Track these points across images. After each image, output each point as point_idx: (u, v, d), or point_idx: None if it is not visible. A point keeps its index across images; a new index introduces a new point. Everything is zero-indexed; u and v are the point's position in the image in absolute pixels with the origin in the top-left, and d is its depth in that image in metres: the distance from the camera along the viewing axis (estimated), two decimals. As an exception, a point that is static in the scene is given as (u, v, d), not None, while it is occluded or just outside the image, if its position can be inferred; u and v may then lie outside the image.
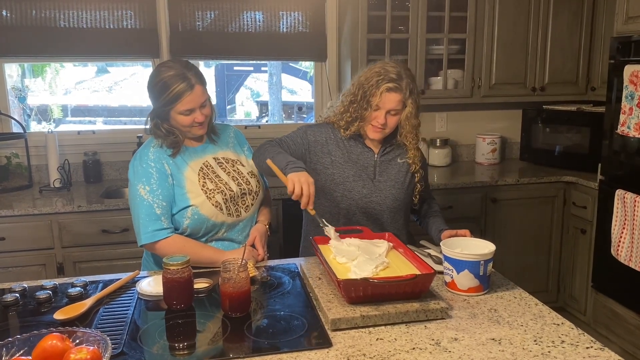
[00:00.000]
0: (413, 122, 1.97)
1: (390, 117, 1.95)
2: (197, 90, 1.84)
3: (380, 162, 2.06)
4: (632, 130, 2.74)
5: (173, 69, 1.83)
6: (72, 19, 3.22)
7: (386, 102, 1.92)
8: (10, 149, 3.26)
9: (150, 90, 1.87)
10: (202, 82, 1.87)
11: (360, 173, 2.02)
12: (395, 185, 2.05)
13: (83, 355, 1.07)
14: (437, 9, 3.40)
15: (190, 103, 1.83)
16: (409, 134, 2.00)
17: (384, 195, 2.03)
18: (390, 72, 1.92)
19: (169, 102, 1.82)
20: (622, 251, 2.84)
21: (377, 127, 1.96)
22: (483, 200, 3.34)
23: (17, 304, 1.58)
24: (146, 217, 1.83)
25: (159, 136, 1.92)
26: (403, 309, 1.45)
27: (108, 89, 5.50)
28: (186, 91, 1.81)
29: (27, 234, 2.75)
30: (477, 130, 3.92)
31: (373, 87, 1.92)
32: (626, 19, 2.86)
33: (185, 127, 1.89)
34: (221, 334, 1.42)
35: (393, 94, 1.91)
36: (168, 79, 1.81)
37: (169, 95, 1.81)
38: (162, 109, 1.85)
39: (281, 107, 5.13)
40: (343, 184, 2.01)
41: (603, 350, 1.31)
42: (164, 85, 1.81)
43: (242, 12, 3.43)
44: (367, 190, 2.02)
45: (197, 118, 1.87)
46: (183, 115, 1.85)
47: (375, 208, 2.02)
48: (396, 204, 2.04)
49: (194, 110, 1.85)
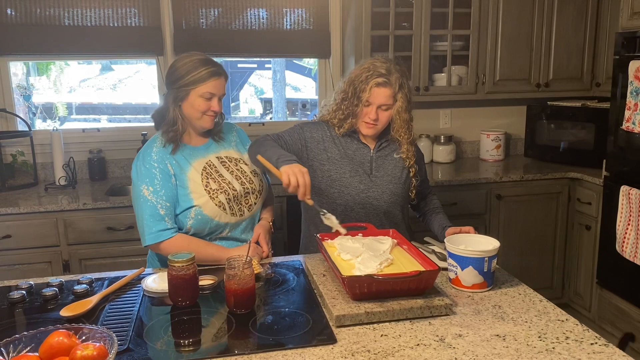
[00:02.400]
0: (404, 116, 1.99)
1: (381, 112, 1.97)
2: (222, 79, 1.90)
3: (377, 158, 2.07)
4: (637, 126, 2.73)
5: (202, 56, 1.89)
6: (76, 17, 3.23)
7: (376, 97, 1.95)
8: (15, 147, 3.27)
9: (173, 72, 1.88)
10: (226, 77, 1.94)
11: (356, 169, 2.04)
12: (392, 180, 2.06)
13: (89, 352, 1.08)
14: (441, 6, 3.39)
15: (215, 88, 1.87)
16: (400, 128, 2.01)
17: (381, 191, 2.04)
18: (378, 67, 1.96)
19: (195, 81, 1.84)
20: (627, 247, 2.83)
21: (369, 123, 1.98)
22: (487, 196, 3.33)
23: (23, 301, 1.59)
24: (150, 217, 1.84)
25: (162, 124, 1.92)
26: (407, 305, 1.46)
27: (112, 86, 5.51)
28: (213, 75, 1.86)
29: (33, 231, 2.77)
30: (481, 127, 3.91)
31: (362, 83, 1.95)
32: (631, 14, 2.84)
33: (197, 114, 1.89)
34: (226, 330, 1.43)
35: (382, 88, 1.94)
36: (197, 62, 1.86)
37: (196, 75, 1.84)
38: (184, 88, 1.86)
39: (285, 104, 5.14)
40: (340, 180, 2.02)
41: (607, 347, 1.31)
42: (192, 66, 1.85)
43: (246, 9, 3.43)
44: (364, 185, 2.03)
45: (214, 106, 1.89)
46: (203, 98, 1.86)
47: (372, 203, 2.03)
48: (393, 198, 2.05)
49: (214, 96, 1.88)
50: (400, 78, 1.96)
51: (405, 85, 1.97)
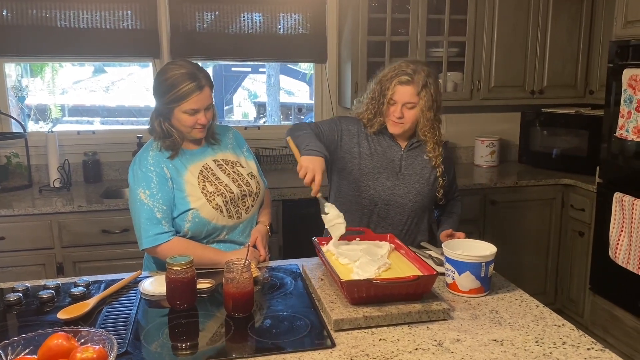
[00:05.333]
0: (428, 115, 2.00)
1: (406, 111, 2.00)
2: (205, 91, 1.85)
3: (407, 157, 2.09)
4: (630, 134, 2.76)
5: (184, 68, 1.84)
6: (72, 19, 3.22)
7: (400, 95, 1.98)
8: (10, 148, 3.26)
9: (157, 87, 1.86)
10: (210, 85, 1.89)
11: (385, 166, 2.07)
12: (420, 180, 2.08)
13: (89, 354, 1.08)
14: (437, 12, 3.42)
15: (197, 103, 1.83)
16: (425, 127, 2.03)
17: (407, 189, 2.06)
18: (404, 67, 2.00)
19: (176, 99, 1.82)
20: (620, 254, 2.86)
21: (395, 121, 2.02)
22: (482, 202, 3.35)
23: (20, 304, 1.58)
24: (147, 221, 1.83)
25: (157, 136, 1.91)
26: (405, 309, 1.46)
27: (105, 89, 5.49)
28: (195, 91, 1.82)
29: (27, 233, 2.75)
30: (476, 133, 3.93)
31: (388, 82, 2.00)
32: (625, 23, 2.87)
33: (186, 128, 1.88)
34: (224, 334, 1.43)
35: (405, 87, 1.98)
36: (179, 76, 1.81)
37: (177, 93, 1.81)
38: (167, 106, 1.84)
39: (279, 108, 5.14)
40: (368, 174, 2.05)
41: (604, 352, 1.32)
42: (174, 82, 1.81)
43: (243, 13, 3.43)
44: (391, 182, 2.06)
45: (200, 120, 1.86)
46: (187, 114, 1.84)
47: (397, 201, 2.06)
48: (419, 198, 2.07)
49: (199, 111, 1.85)
50: (426, 78, 1.99)
51: (430, 85, 1.99)
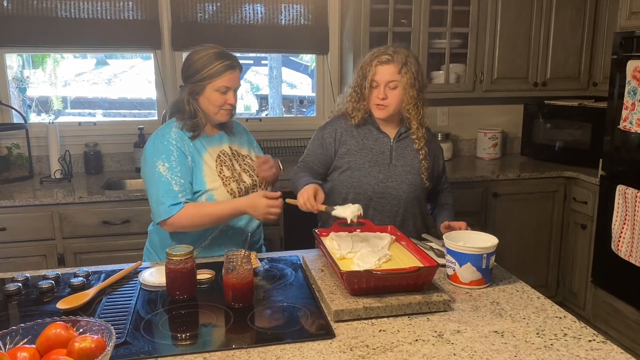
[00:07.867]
0: (411, 92, 1.99)
1: (390, 92, 1.99)
2: (237, 72, 1.91)
3: (397, 147, 2.08)
4: (634, 126, 2.74)
5: (217, 48, 1.90)
6: (73, 9, 3.20)
7: (381, 75, 1.98)
8: (11, 139, 3.25)
9: (189, 66, 1.89)
10: (241, 68, 1.94)
11: (376, 159, 2.06)
12: (412, 170, 2.07)
13: (87, 344, 1.07)
14: (440, 3, 3.39)
15: (230, 81, 1.88)
16: (408, 104, 2.01)
17: (400, 180, 2.05)
18: (383, 50, 2.01)
19: (210, 76, 1.85)
20: (623, 246, 2.84)
21: (379, 104, 2.00)
22: (484, 194, 3.34)
23: (19, 294, 1.58)
24: (164, 194, 1.83)
25: (182, 116, 1.92)
26: (406, 301, 1.45)
27: (107, 81, 5.48)
28: (229, 69, 1.87)
29: (28, 224, 2.75)
30: (478, 125, 3.91)
31: (368, 65, 2.01)
32: (629, 14, 2.85)
33: (214, 108, 1.90)
34: (224, 324, 1.42)
35: (385, 66, 1.98)
36: (212, 55, 1.87)
37: (211, 70, 1.85)
38: (200, 83, 1.87)
39: (281, 100, 5.12)
40: (359, 170, 2.05)
41: (605, 344, 1.31)
42: (207, 60, 1.85)
43: (244, 4, 3.41)
44: (383, 175, 2.05)
45: (230, 100, 1.90)
46: (219, 92, 1.87)
47: (391, 193, 2.05)
48: (412, 189, 2.07)
49: (230, 89, 1.89)
50: (406, 57, 1.99)
51: (410, 64, 1.99)
